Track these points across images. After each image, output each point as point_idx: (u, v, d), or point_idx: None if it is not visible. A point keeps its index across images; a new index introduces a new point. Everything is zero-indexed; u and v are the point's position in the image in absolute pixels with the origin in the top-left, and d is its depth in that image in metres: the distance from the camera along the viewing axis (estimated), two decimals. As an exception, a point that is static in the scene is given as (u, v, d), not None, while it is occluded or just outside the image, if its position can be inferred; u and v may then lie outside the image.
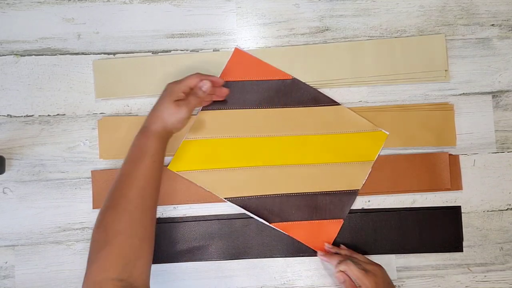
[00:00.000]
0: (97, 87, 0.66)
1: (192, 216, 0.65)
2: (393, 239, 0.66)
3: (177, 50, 0.67)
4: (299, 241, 0.65)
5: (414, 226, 0.66)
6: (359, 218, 0.66)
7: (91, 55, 0.67)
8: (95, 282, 0.49)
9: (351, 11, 0.69)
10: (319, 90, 0.67)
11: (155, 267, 0.64)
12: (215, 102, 0.65)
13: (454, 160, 0.67)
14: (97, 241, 0.52)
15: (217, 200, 0.65)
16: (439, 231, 0.66)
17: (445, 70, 0.68)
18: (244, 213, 0.65)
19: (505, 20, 0.70)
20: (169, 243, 0.65)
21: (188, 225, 0.65)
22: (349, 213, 0.66)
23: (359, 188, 0.65)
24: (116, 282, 0.49)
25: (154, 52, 0.67)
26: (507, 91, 0.69)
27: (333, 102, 0.67)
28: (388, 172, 0.66)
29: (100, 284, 0.48)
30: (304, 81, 0.67)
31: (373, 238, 0.66)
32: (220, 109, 0.66)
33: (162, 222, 0.65)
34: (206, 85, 0.59)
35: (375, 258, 0.65)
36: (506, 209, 0.68)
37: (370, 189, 0.66)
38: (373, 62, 0.67)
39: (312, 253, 0.65)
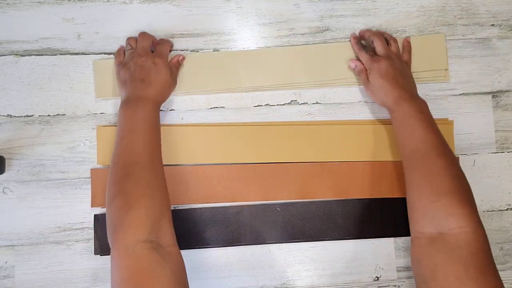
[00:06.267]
0: (97, 87, 0.66)
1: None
2: (390, 224, 0.66)
3: (177, 50, 0.67)
4: (293, 227, 0.65)
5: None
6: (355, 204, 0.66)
7: (91, 55, 0.67)
8: (126, 247, 0.49)
9: (351, 11, 0.69)
10: (319, 89, 0.67)
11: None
12: None
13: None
14: (119, 208, 0.51)
15: (217, 200, 0.65)
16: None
17: (445, 70, 0.68)
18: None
19: (505, 20, 0.70)
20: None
21: (181, 212, 0.65)
22: (343, 200, 0.66)
23: None
24: (147, 244, 0.49)
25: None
26: (507, 91, 0.69)
27: None
28: (388, 176, 0.66)
29: (133, 248, 0.49)
30: (304, 81, 0.67)
31: (366, 224, 0.66)
32: None
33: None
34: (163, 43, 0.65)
35: (373, 241, 0.65)
36: (506, 209, 0.68)
37: (370, 193, 0.66)
38: None
39: (306, 239, 0.65)
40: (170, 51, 0.66)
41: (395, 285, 0.66)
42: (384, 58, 0.62)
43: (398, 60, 0.63)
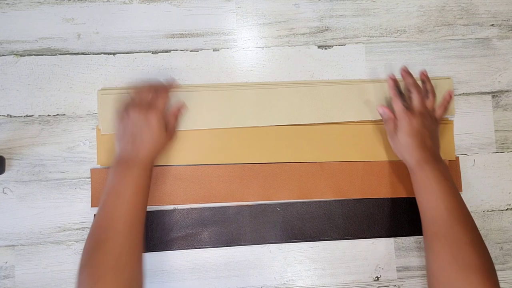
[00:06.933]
0: (102, 121, 0.65)
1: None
2: (390, 224, 0.66)
3: (177, 50, 0.67)
4: (292, 227, 0.65)
5: (408, 216, 0.66)
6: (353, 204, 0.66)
7: (91, 55, 0.67)
8: None
9: (351, 11, 0.69)
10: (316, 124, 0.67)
11: (150, 261, 0.65)
12: None
13: (453, 165, 0.67)
14: (86, 280, 0.49)
15: (217, 200, 0.65)
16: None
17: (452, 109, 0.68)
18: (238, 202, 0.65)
19: (505, 20, 0.70)
20: (162, 230, 0.64)
21: (181, 212, 0.65)
22: (342, 200, 0.66)
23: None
24: None
25: (154, 52, 0.67)
26: (507, 91, 0.69)
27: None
28: (388, 176, 0.66)
29: None
30: (313, 122, 0.66)
31: (366, 224, 0.66)
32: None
33: (155, 210, 0.65)
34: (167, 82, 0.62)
35: (373, 241, 0.65)
36: (506, 209, 0.68)
37: (370, 193, 0.66)
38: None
39: (306, 239, 0.65)
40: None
41: (395, 285, 0.66)
42: (418, 114, 0.59)
43: (430, 118, 0.60)
